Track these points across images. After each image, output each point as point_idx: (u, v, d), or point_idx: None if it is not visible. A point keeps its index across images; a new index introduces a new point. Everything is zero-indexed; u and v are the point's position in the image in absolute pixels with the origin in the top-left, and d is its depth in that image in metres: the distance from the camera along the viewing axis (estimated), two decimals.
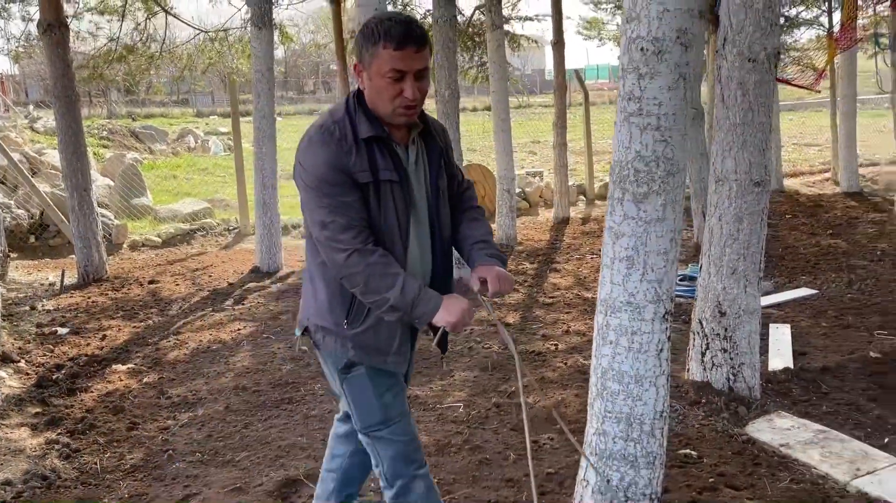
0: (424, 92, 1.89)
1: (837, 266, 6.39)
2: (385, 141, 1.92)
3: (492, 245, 2.08)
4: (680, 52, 2.06)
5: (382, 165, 1.91)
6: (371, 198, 1.91)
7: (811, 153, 15.53)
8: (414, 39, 1.81)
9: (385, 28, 1.81)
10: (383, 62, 1.82)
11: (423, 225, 2.04)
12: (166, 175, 12.23)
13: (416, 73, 1.84)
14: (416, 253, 2.04)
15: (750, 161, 3.48)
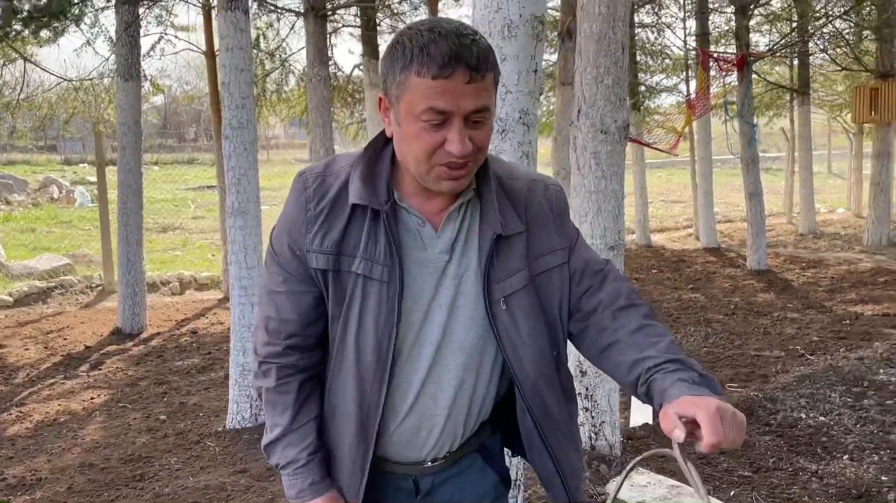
0: (483, 145, 1.19)
1: (696, 320, 6.77)
2: (389, 214, 1.24)
3: (689, 365, 1.18)
4: (523, 131, 2.14)
5: (360, 251, 1.24)
6: (329, 292, 1.27)
7: (676, 209, 16.58)
8: (466, 62, 1.12)
9: (422, 43, 1.12)
10: (416, 97, 1.13)
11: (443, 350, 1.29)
12: (24, 228, 11.42)
13: (468, 115, 1.15)
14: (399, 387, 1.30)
15: (605, 226, 3.64)
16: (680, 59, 12.17)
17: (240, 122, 4.00)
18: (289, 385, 1.32)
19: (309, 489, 1.32)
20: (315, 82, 5.93)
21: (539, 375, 1.30)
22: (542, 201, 1.32)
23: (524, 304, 1.28)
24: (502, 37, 2.08)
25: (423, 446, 1.34)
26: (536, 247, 1.30)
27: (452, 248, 1.27)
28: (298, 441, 1.33)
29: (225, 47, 3.98)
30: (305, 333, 1.31)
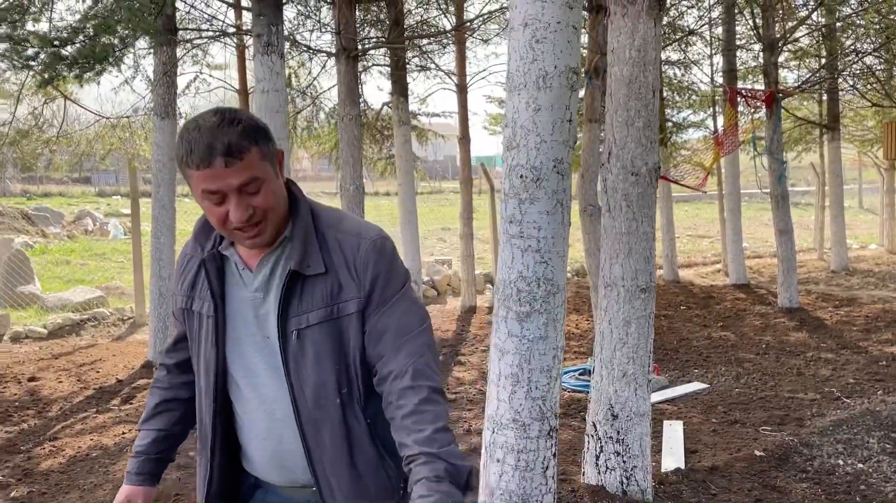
0: (265, 206, 1.41)
1: (727, 359, 6.67)
2: (210, 260, 1.52)
3: (439, 456, 1.31)
4: (557, 179, 2.16)
5: (198, 292, 1.54)
6: (187, 329, 1.60)
7: (704, 244, 16.44)
8: (219, 153, 1.35)
9: (187, 146, 1.38)
10: (195, 184, 1.40)
11: (272, 376, 1.50)
12: (59, 261, 11.66)
13: (239, 188, 1.38)
14: (245, 412, 1.55)
15: (636, 268, 3.64)
16: (707, 95, 12.18)
17: None
18: (153, 394, 1.69)
19: (126, 475, 1.66)
20: (346, 121, 6.03)
21: (317, 407, 1.46)
22: (353, 252, 1.47)
23: (316, 340, 1.45)
24: (537, 87, 2.11)
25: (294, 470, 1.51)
26: (340, 292, 1.45)
27: (267, 286, 1.49)
28: (140, 438, 1.67)
29: (261, 89, 4.08)
30: (173, 357, 1.68)
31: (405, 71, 8.18)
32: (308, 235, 1.47)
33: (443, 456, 1.30)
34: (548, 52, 2.09)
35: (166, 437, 1.67)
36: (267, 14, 4.00)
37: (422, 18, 9.08)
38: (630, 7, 3.51)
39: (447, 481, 1.27)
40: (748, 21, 10.22)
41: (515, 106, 2.16)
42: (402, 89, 8.08)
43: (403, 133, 8.11)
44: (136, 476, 1.65)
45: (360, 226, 1.53)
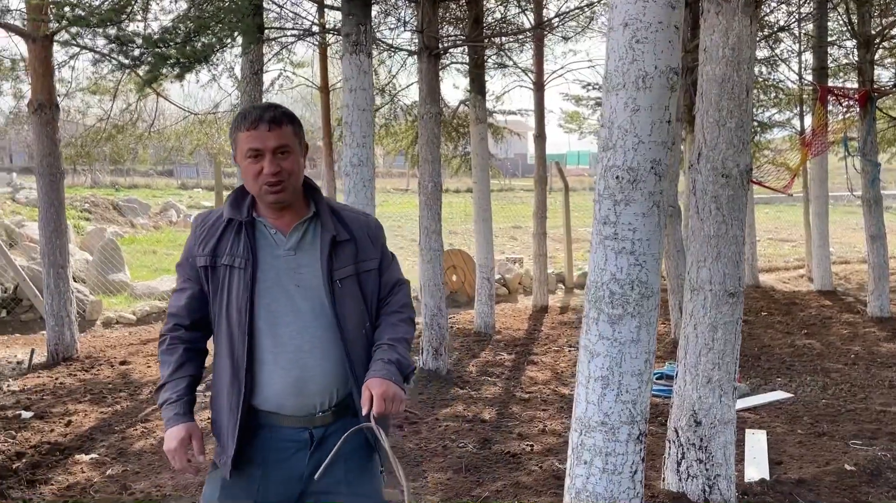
0: (290, 170, 1.88)
1: (812, 369, 6.43)
2: (247, 224, 1.91)
3: (394, 348, 1.91)
4: (654, 181, 2.13)
5: (227, 250, 1.90)
6: (208, 282, 1.92)
7: (786, 248, 15.87)
8: (266, 120, 1.85)
9: (242, 115, 1.91)
10: (242, 144, 1.87)
11: (301, 316, 1.90)
12: (146, 250, 12.18)
13: (274, 150, 1.85)
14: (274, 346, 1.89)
15: (724, 272, 3.55)
16: (794, 94, 11.73)
17: (360, 160, 4.16)
18: (174, 350, 1.97)
19: (174, 418, 1.90)
20: (426, 119, 6.08)
21: (355, 332, 1.94)
22: (363, 228, 2.02)
23: (350, 287, 1.94)
24: (636, 88, 2.09)
25: (311, 395, 1.89)
26: (360, 254, 1.98)
27: (299, 247, 1.94)
28: (173, 387, 1.93)
29: (349, 88, 4.16)
30: (188, 316, 1.96)
31: (483, 69, 8.18)
32: (331, 214, 1.97)
33: (398, 350, 1.91)
34: (648, 52, 2.07)
35: (196, 382, 1.99)
36: (356, 13, 4.07)
37: (501, 16, 9.05)
38: (725, 4, 3.42)
39: (394, 365, 1.86)
40: (841, 17, 9.80)
41: (613, 106, 2.14)
42: (479, 87, 8.08)
43: (480, 131, 8.12)
44: (184, 416, 1.91)
45: (359, 210, 2.12)
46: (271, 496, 1.92)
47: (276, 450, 1.91)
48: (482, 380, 6.17)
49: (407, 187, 27.71)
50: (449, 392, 5.80)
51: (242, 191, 1.97)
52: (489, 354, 7.14)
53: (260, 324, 1.88)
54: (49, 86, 6.44)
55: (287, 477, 1.92)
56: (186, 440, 1.88)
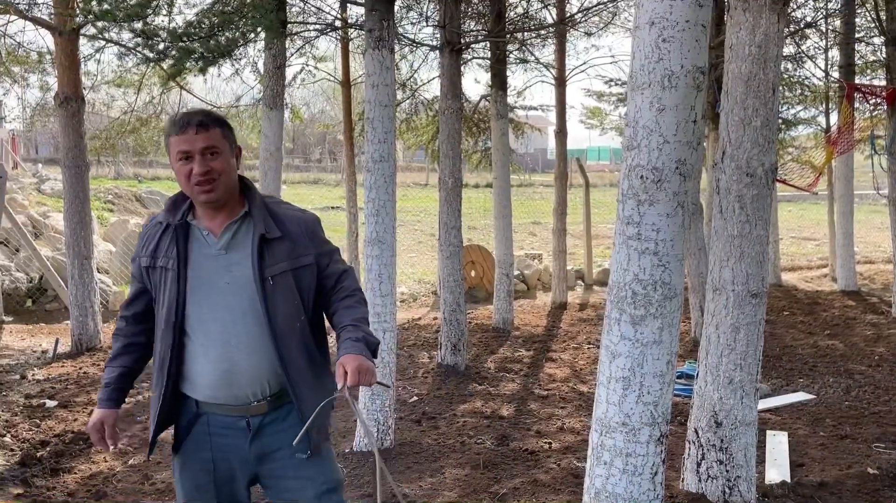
0: (220, 169, 1.97)
1: (835, 370, 6.36)
2: (179, 227, 2.03)
3: (358, 328, 2.00)
4: (679, 181, 2.11)
5: (163, 252, 2.03)
6: (148, 281, 2.08)
7: (809, 247, 15.68)
8: (194, 123, 1.95)
9: (171, 121, 2.03)
10: (173, 148, 1.98)
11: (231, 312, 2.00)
12: None
13: (203, 151, 1.95)
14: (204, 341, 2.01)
15: (747, 273, 3.51)
16: (819, 91, 11.57)
17: (381, 156, 4.16)
18: (116, 340, 2.16)
19: (98, 402, 2.11)
20: (448, 115, 6.07)
21: (286, 327, 2.01)
22: (297, 224, 2.08)
23: (282, 283, 2.02)
24: (662, 87, 2.07)
25: (241, 387, 2.00)
26: (295, 250, 2.04)
27: (230, 247, 2.03)
28: (107, 373, 2.13)
29: (371, 84, 4.16)
30: (128, 310, 2.15)
31: (505, 64, 8.16)
32: (263, 211, 2.04)
33: (363, 329, 1.99)
34: (675, 51, 2.05)
35: (130, 372, 2.14)
36: (379, 9, 4.07)
37: (524, 11, 9.01)
38: (752, 1, 3.37)
39: (363, 342, 1.94)
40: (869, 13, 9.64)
41: (638, 105, 2.12)
42: (500, 82, 8.05)
43: (501, 126, 8.10)
44: (106, 402, 2.09)
45: (296, 207, 2.18)
46: (225, 475, 2.08)
47: (217, 434, 2.05)
48: (500, 377, 6.17)
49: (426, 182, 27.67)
50: (467, 388, 5.81)
51: (182, 195, 2.08)
52: (507, 350, 7.14)
53: (191, 322, 2.01)
54: (75, 79, 6.52)
55: (235, 459, 2.07)
56: (99, 425, 2.07)
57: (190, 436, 2.08)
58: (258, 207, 2.05)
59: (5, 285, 8.14)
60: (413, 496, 3.75)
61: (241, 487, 2.12)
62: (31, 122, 10.54)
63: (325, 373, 2.12)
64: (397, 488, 1.93)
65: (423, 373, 6.23)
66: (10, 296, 8.18)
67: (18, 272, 8.42)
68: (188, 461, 2.10)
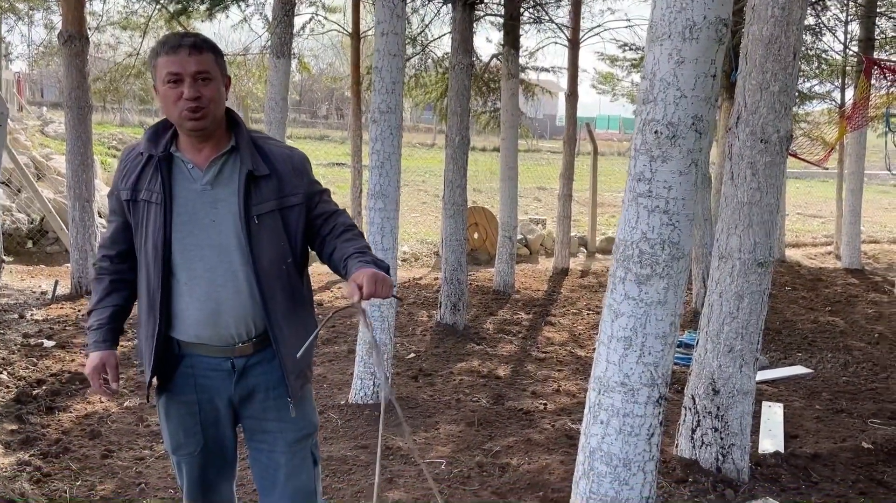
0: (210, 96, 1.86)
1: (834, 345, 6.34)
2: (163, 159, 1.92)
3: (368, 254, 1.90)
4: (694, 138, 2.05)
5: (145, 185, 1.93)
6: (130, 215, 1.97)
7: (815, 224, 15.58)
8: (187, 45, 1.84)
9: (162, 41, 1.89)
10: (161, 69, 1.85)
11: (216, 250, 1.92)
12: None
13: (194, 74, 1.83)
14: (189, 279, 1.93)
15: (755, 241, 3.46)
16: (836, 65, 11.37)
17: (388, 107, 4.08)
18: (101, 280, 2.05)
19: (93, 345, 2.00)
20: (458, 70, 5.95)
21: (271, 269, 1.94)
22: (286, 162, 1.98)
23: (269, 223, 1.94)
24: (682, 38, 1.99)
25: (226, 327, 1.94)
26: (283, 189, 1.95)
27: (215, 182, 1.93)
28: (97, 315, 2.03)
29: (380, 32, 4.06)
30: (112, 248, 2.04)
31: (519, 22, 7.99)
32: (251, 147, 1.94)
33: (370, 255, 1.90)
34: (698, 0, 1.96)
35: (122, 310, 2.06)
36: None
37: None
38: None
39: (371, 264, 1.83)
40: None
41: (656, 57, 2.05)
42: (513, 41, 7.89)
43: (511, 87, 7.96)
44: (102, 343, 2.00)
45: (287, 145, 2.08)
46: (210, 417, 2.04)
47: (202, 376, 1.99)
48: (498, 338, 6.16)
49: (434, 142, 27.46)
50: (465, 347, 5.80)
51: (164, 124, 1.97)
52: (507, 313, 7.12)
53: (176, 259, 1.93)
54: (80, 17, 6.39)
55: (219, 400, 2.02)
56: (100, 367, 1.98)
57: (174, 378, 2.02)
58: (246, 142, 1.95)
59: (6, 226, 8.11)
60: (407, 449, 3.76)
61: (226, 429, 2.08)
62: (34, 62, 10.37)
63: (308, 317, 2.07)
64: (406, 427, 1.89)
65: (422, 331, 6.23)
66: (10, 236, 8.16)
67: (20, 213, 8.39)
68: (173, 404, 2.05)
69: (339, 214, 2.05)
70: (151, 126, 2.00)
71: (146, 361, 2.02)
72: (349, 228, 2.01)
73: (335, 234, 1.99)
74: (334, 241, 1.98)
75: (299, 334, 1.99)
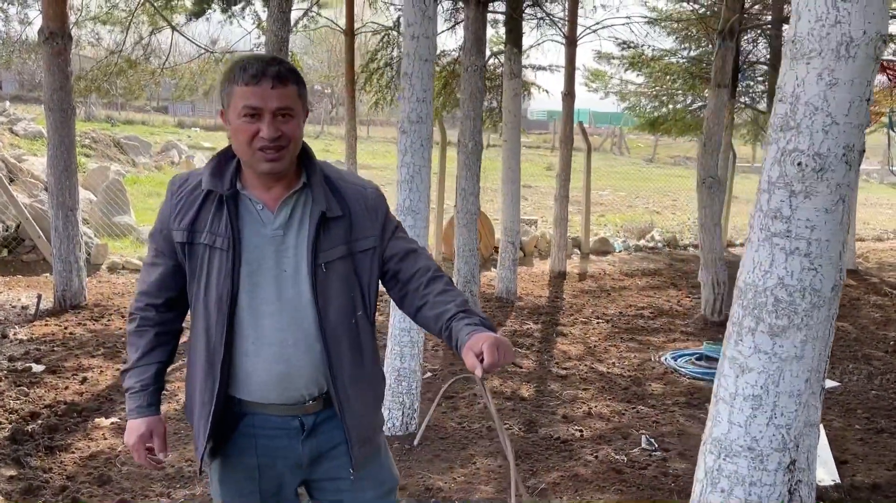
0: (291, 135, 1.63)
1: (852, 355, 6.20)
2: (230, 198, 1.68)
3: (473, 313, 1.66)
4: (843, 170, 1.79)
5: (206, 226, 1.69)
6: (186, 261, 1.73)
7: None
8: (270, 75, 1.60)
9: (241, 66, 1.63)
10: (238, 100, 1.62)
11: (286, 305, 1.70)
12: (150, 192, 11.71)
13: (275, 111, 1.60)
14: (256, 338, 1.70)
15: None
16: None
17: (419, 117, 3.77)
18: (144, 332, 1.79)
19: (136, 410, 1.77)
20: (471, 72, 5.66)
21: (339, 324, 1.71)
22: (359, 199, 1.75)
23: (338, 271, 1.71)
24: (836, 57, 1.73)
25: (297, 388, 1.71)
26: (354, 231, 1.73)
27: (287, 226, 1.70)
28: (139, 374, 1.78)
29: (410, 35, 3.74)
30: (159, 296, 1.78)
31: (521, 19, 7.70)
32: (323, 184, 1.72)
33: (478, 313, 1.65)
34: (856, 12, 1.70)
35: (165, 367, 1.83)
36: None
37: None
38: None
39: (482, 327, 1.60)
40: None
41: (800, 78, 1.78)
42: (515, 39, 7.60)
43: (513, 86, 7.68)
44: (147, 408, 1.78)
45: (359, 178, 1.85)
46: (272, 484, 1.81)
47: (264, 436, 1.77)
48: (514, 352, 5.89)
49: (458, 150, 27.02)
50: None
51: (226, 155, 1.73)
52: (515, 323, 6.86)
53: (242, 314, 1.69)
54: (62, 12, 5.95)
55: (284, 464, 1.79)
56: (147, 436, 1.78)
57: (232, 439, 1.78)
58: (318, 179, 1.72)
59: None
60: (447, 488, 3.47)
61: (289, 494, 1.84)
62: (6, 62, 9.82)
63: (376, 377, 1.86)
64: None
65: (433, 345, 5.93)
66: None
67: None
68: (229, 467, 1.81)
69: (420, 255, 1.79)
70: (213, 156, 1.75)
71: (200, 427, 1.77)
72: (436, 276, 1.75)
73: (422, 285, 1.74)
74: (423, 293, 1.73)
75: (366, 399, 1.80)
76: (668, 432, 4.34)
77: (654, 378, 5.38)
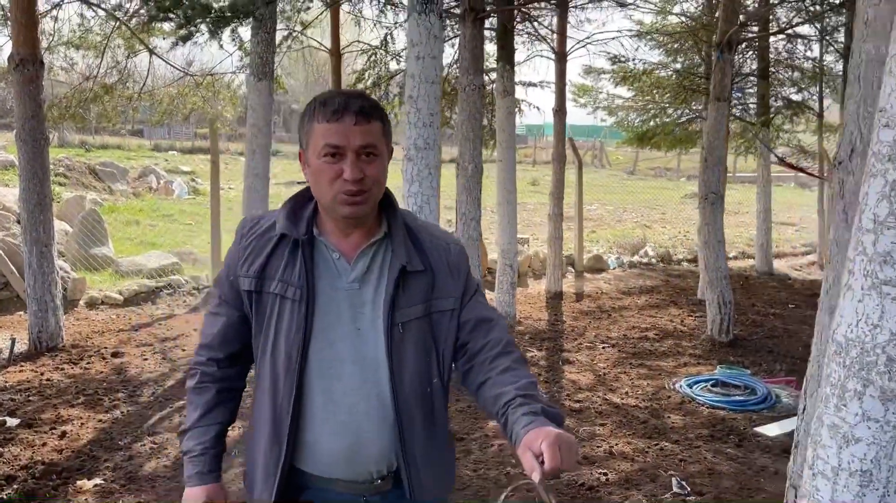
0: (375, 177, 1.50)
1: None
2: (306, 244, 1.54)
3: (534, 398, 1.43)
4: None
5: (277, 273, 1.54)
6: (253, 311, 1.57)
7: (790, 233, 15.50)
8: (353, 110, 1.47)
9: (321, 100, 1.51)
10: (318, 138, 1.49)
11: (359, 367, 1.53)
12: (128, 220, 11.30)
13: (359, 150, 1.47)
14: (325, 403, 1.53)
15: None
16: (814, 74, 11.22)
17: (426, 143, 3.49)
18: (204, 390, 1.64)
19: (196, 476, 1.61)
20: (468, 91, 5.40)
21: (412, 392, 1.54)
22: (443, 255, 1.60)
23: (415, 332, 1.55)
24: None
25: (365, 464, 1.55)
26: (436, 289, 1.57)
27: (364, 279, 1.55)
28: (199, 436, 1.62)
29: (415, 55, 3.47)
30: (224, 350, 1.63)
31: (513, 35, 7.49)
32: (405, 235, 1.58)
33: (540, 399, 1.43)
34: None
35: (226, 428, 1.67)
36: None
37: None
38: None
39: (542, 417, 1.37)
40: None
41: None
42: (507, 55, 7.38)
43: (507, 104, 7.45)
44: (208, 475, 1.62)
45: (443, 231, 1.72)
46: None
47: None
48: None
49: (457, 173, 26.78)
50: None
51: (303, 198, 1.60)
52: None
53: (311, 376, 1.54)
54: (33, 37, 5.61)
55: None
56: None
57: None
58: (400, 228, 1.58)
59: None
60: None
61: None
62: None
63: (448, 454, 1.71)
64: None
65: None
66: None
67: None
68: None
69: (494, 326, 1.59)
70: (289, 198, 1.60)
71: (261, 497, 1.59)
72: (506, 351, 1.55)
73: (488, 359, 1.54)
74: (487, 369, 1.53)
75: (437, 477, 1.63)
76: (696, 471, 4.06)
77: (671, 408, 5.11)
